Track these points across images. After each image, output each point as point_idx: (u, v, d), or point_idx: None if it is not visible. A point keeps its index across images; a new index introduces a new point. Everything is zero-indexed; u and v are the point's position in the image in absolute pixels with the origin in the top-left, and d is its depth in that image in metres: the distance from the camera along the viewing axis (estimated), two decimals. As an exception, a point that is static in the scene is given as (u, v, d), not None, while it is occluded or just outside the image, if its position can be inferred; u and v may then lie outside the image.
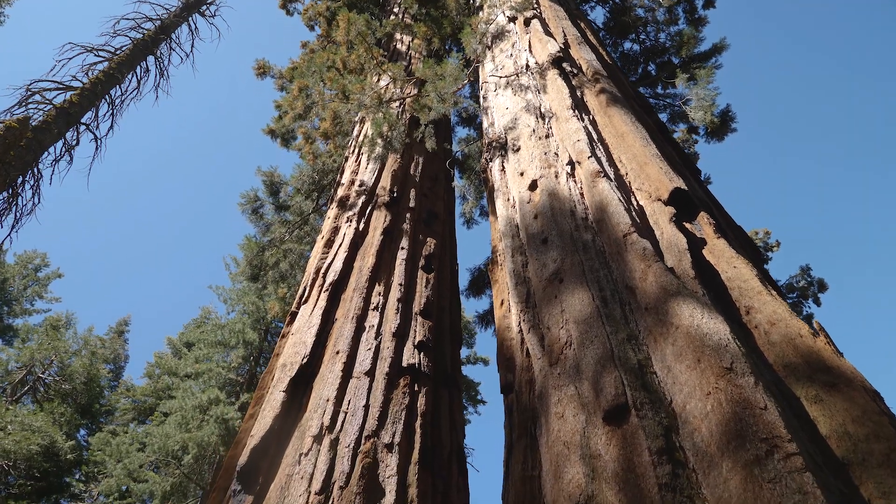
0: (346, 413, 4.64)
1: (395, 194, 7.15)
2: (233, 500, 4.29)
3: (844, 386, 2.61)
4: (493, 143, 5.84)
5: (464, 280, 10.62)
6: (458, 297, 7.05)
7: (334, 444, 4.38)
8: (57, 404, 20.99)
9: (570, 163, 4.67)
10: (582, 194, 4.33)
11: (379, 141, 6.35)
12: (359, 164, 8.09)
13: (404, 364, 5.09)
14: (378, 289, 5.84)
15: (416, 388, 4.97)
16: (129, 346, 35.14)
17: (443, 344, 5.74)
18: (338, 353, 5.13)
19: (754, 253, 4.30)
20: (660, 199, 3.97)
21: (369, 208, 6.97)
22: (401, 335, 5.38)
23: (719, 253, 3.52)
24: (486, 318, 10.37)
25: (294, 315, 6.01)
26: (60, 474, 20.76)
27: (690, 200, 3.97)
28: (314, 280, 6.19)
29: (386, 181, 7.38)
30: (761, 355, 2.93)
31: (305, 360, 5.14)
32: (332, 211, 7.37)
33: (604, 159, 4.50)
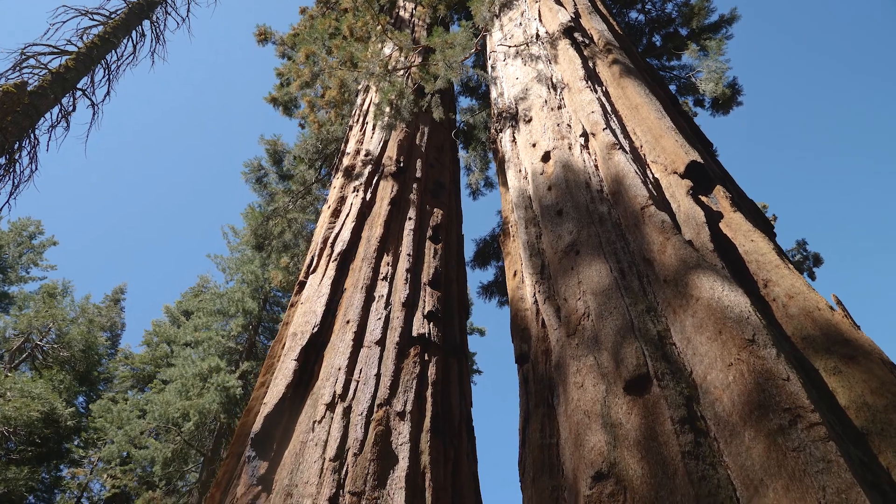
0: (357, 382, 4.68)
1: (401, 164, 7.12)
2: (247, 466, 4.34)
3: (863, 358, 2.65)
4: (503, 114, 5.80)
5: (469, 251, 10.64)
6: (465, 267, 7.08)
7: (347, 412, 4.44)
8: (56, 371, 21.08)
9: (584, 134, 4.65)
10: (596, 166, 4.32)
11: (388, 110, 6.29)
12: (364, 134, 8.03)
13: (414, 334, 5.13)
14: (387, 259, 5.85)
15: (426, 358, 5.02)
16: (125, 315, 35.19)
17: (451, 314, 5.78)
18: (348, 322, 5.16)
19: (766, 227, 4.32)
20: (676, 173, 3.97)
21: (376, 178, 6.94)
22: (410, 305, 5.41)
23: (736, 226, 3.54)
24: (490, 289, 10.41)
25: (302, 284, 6.02)
26: (60, 440, 20.95)
27: (706, 174, 3.98)
28: (322, 250, 6.19)
29: (392, 151, 7.34)
30: (779, 328, 2.97)
31: (316, 328, 5.16)
32: (337, 180, 7.33)
33: (618, 131, 4.48)
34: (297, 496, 3.91)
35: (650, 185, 3.87)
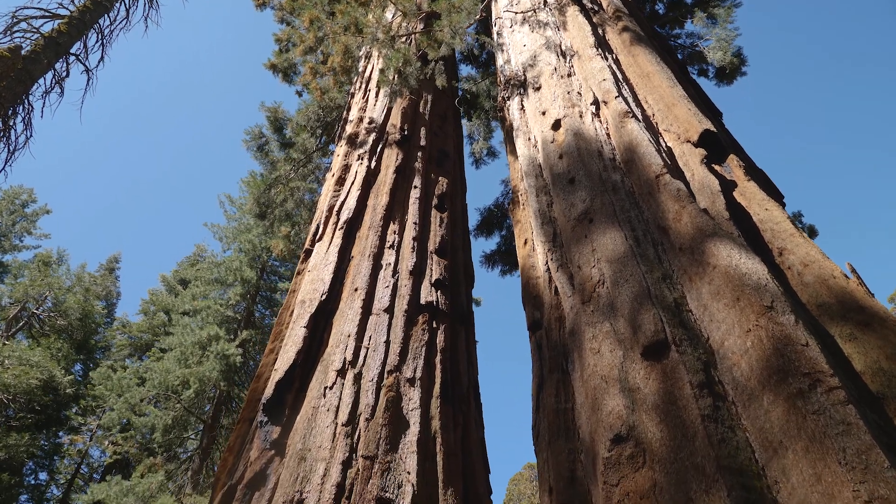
0: (367, 348, 4.72)
1: (405, 132, 7.07)
2: (260, 431, 4.40)
3: (878, 325, 2.69)
4: (511, 81, 5.75)
5: (471, 220, 10.59)
6: (469, 236, 7.09)
7: (358, 379, 4.48)
8: (53, 340, 21.11)
9: (595, 102, 4.62)
10: (608, 135, 4.31)
11: (394, 78, 6.21)
12: (366, 101, 7.95)
13: (422, 302, 5.16)
14: (393, 227, 5.85)
15: (434, 326, 5.05)
16: (120, 284, 35.14)
17: (458, 282, 5.80)
18: (356, 290, 5.17)
19: (777, 197, 4.33)
20: (689, 141, 3.96)
21: (380, 146, 6.89)
22: (417, 273, 5.43)
23: (751, 195, 3.55)
24: (493, 258, 10.43)
25: (309, 252, 6.02)
26: (59, 408, 21.09)
27: (719, 142, 3.97)
28: (327, 218, 6.18)
29: (396, 119, 7.27)
30: (794, 296, 3.00)
31: (324, 296, 5.18)
32: (341, 148, 7.28)
33: (630, 100, 4.46)
34: (311, 460, 3.97)
35: (664, 154, 3.87)
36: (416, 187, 6.39)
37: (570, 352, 3.33)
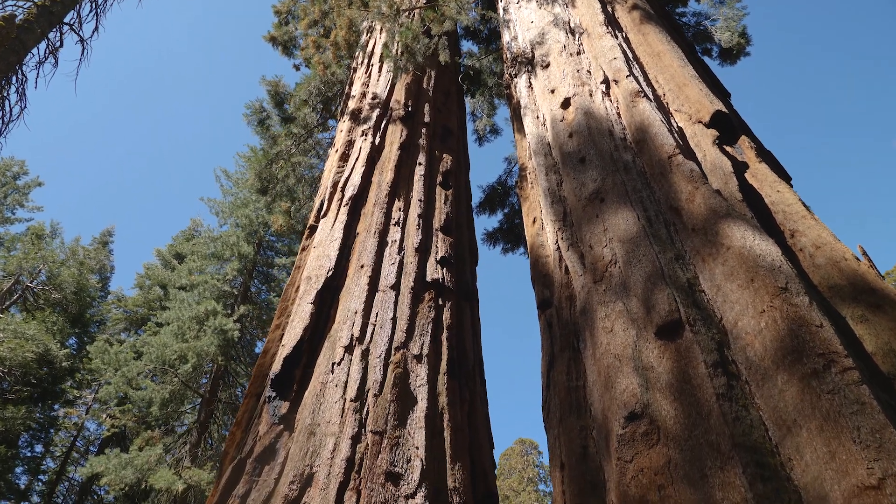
0: (374, 325, 4.74)
1: (409, 108, 7.02)
2: (268, 406, 4.44)
3: (889, 307, 2.73)
4: (519, 59, 5.71)
5: (475, 198, 10.56)
6: (472, 213, 7.09)
7: (365, 355, 4.51)
8: (48, 313, 21.08)
9: (605, 81, 4.60)
10: (619, 114, 4.30)
11: (398, 52, 6.15)
12: (370, 76, 7.88)
13: (428, 279, 5.18)
14: (398, 204, 5.84)
15: (440, 303, 5.08)
16: (113, 258, 34.99)
17: (463, 259, 5.82)
18: (362, 266, 5.18)
19: (786, 178, 4.35)
20: (700, 122, 3.96)
21: (384, 122, 6.85)
22: (423, 251, 5.44)
23: (762, 177, 3.57)
24: (495, 236, 10.44)
25: (313, 228, 6.02)
26: (55, 381, 21.13)
27: (731, 123, 3.97)
28: (332, 194, 6.16)
29: (400, 94, 7.22)
30: (806, 277, 3.04)
31: (330, 272, 5.19)
32: (344, 124, 7.23)
33: (641, 79, 4.44)
34: (321, 434, 4.01)
35: (676, 135, 3.87)
36: (420, 164, 6.38)
37: (581, 330, 3.36)
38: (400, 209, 5.80)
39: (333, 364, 4.49)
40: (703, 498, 2.25)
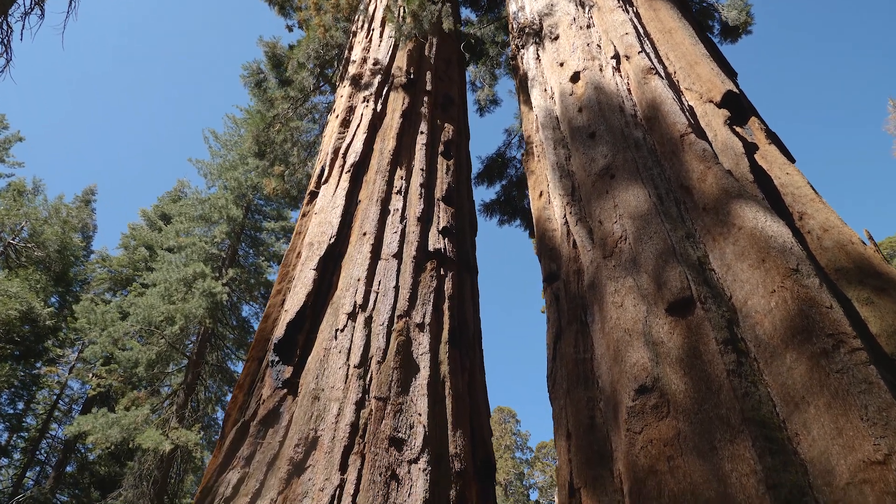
0: (377, 293, 4.77)
1: (411, 76, 6.95)
2: (271, 370, 4.47)
3: (894, 290, 2.81)
4: (526, 30, 5.66)
5: (473, 169, 10.48)
6: (471, 184, 7.09)
7: (368, 322, 4.55)
8: (32, 271, 20.81)
9: (616, 56, 4.59)
10: (629, 90, 4.30)
11: (402, 17, 6.06)
12: (370, 42, 7.77)
13: (430, 248, 5.20)
14: (400, 173, 5.83)
15: (442, 273, 5.11)
16: (96, 216, 34.52)
17: (463, 230, 5.85)
18: (364, 234, 5.19)
19: (791, 160, 4.41)
20: (711, 101, 3.98)
21: (386, 89, 6.78)
22: (425, 220, 5.45)
23: (772, 159, 3.61)
24: (493, 207, 10.44)
25: (314, 194, 5.99)
26: (39, 340, 20.99)
27: (742, 104, 4.00)
28: (333, 160, 6.12)
29: (401, 61, 7.14)
30: (814, 259, 3.11)
31: (333, 239, 5.19)
32: (344, 89, 7.15)
33: (653, 56, 4.44)
34: (325, 399, 4.06)
35: (687, 113, 3.89)
36: (422, 133, 6.34)
37: (589, 304, 3.42)
38: (402, 178, 5.78)
39: (336, 330, 4.53)
40: (711, 469, 2.34)
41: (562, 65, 4.93)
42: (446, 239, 5.37)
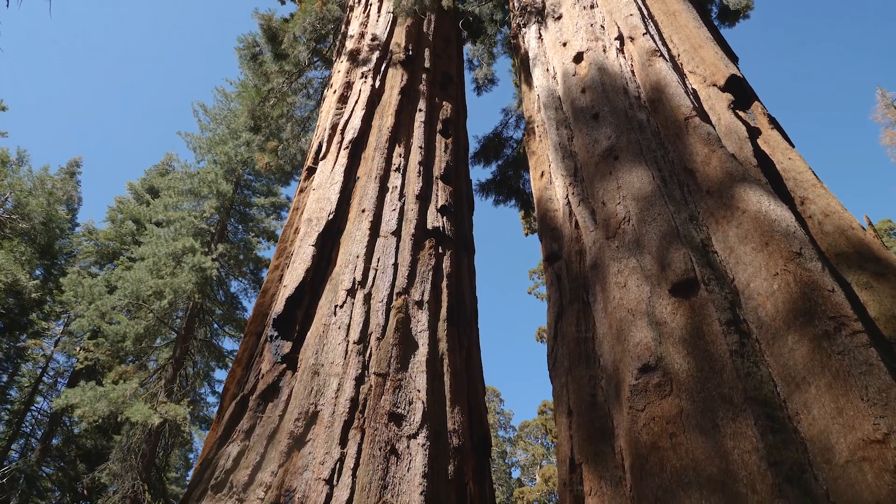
0: (376, 270, 4.78)
1: (410, 52, 6.89)
2: (270, 345, 4.48)
3: (892, 275, 2.87)
4: (528, 8, 5.63)
5: (470, 148, 10.42)
6: (468, 163, 7.08)
7: (368, 299, 4.56)
8: (17, 243, 20.55)
9: (620, 37, 4.58)
10: (633, 72, 4.30)
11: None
12: (368, 16, 7.68)
13: (429, 227, 5.21)
14: (398, 150, 5.81)
15: (440, 251, 5.13)
16: (81, 189, 34.04)
17: (461, 209, 5.85)
18: (363, 211, 5.18)
19: (792, 146, 4.44)
20: (715, 85, 4.00)
21: (384, 65, 6.72)
22: (423, 198, 5.45)
23: (774, 144, 3.65)
24: (489, 187, 10.43)
25: (312, 170, 5.96)
26: (24, 312, 20.80)
27: (744, 89, 4.02)
28: (331, 136, 6.08)
29: (400, 38, 7.07)
30: (815, 243, 3.16)
31: (331, 215, 5.18)
32: (342, 64, 7.07)
33: (657, 38, 4.44)
34: (325, 375, 4.08)
35: (691, 97, 3.90)
36: (420, 110, 6.31)
37: (591, 284, 3.45)
38: (400, 155, 5.76)
39: (336, 306, 4.54)
40: (714, 446, 2.39)
41: (565, 45, 4.91)
42: (444, 217, 5.38)
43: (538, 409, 40.36)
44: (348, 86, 6.70)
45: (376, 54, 6.84)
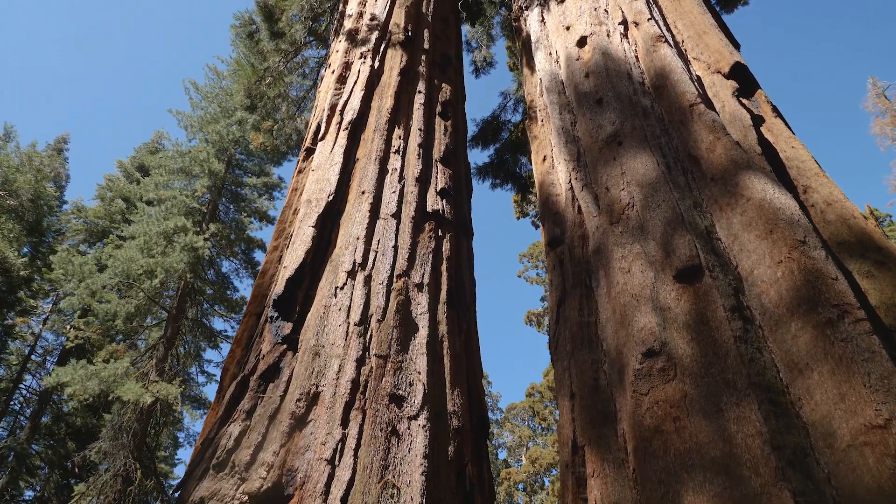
0: (376, 252, 4.78)
1: (409, 33, 6.83)
2: (270, 326, 4.48)
3: (893, 264, 2.91)
4: (531, -10, 5.58)
5: (469, 131, 10.36)
6: (467, 147, 7.07)
7: (368, 281, 4.56)
8: (4, 220, 20.32)
9: (624, 22, 4.57)
10: (637, 57, 4.30)
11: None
12: (366, -5, 7.59)
13: (429, 209, 5.20)
14: (398, 132, 5.78)
15: (440, 234, 5.13)
16: (69, 166, 33.64)
17: (460, 192, 5.85)
18: (363, 193, 5.16)
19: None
20: (719, 72, 4.00)
21: (383, 46, 6.66)
22: (423, 181, 5.44)
23: (778, 132, 3.66)
24: (486, 171, 10.42)
25: (310, 151, 5.92)
26: (11, 290, 20.63)
27: (748, 76, 4.03)
28: (330, 117, 6.03)
29: (399, 18, 7.00)
30: (817, 231, 3.19)
31: (331, 197, 5.16)
32: (340, 44, 7.00)
33: (661, 23, 4.43)
34: (325, 356, 4.09)
35: (696, 83, 3.91)
36: (420, 92, 6.27)
37: (594, 269, 3.48)
38: (400, 137, 5.74)
39: (336, 288, 4.54)
40: (717, 430, 2.44)
41: (568, 28, 4.89)
42: (444, 200, 5.37)
43: (526, 392, 40.69)
44: (347, 66, 6.64)
45: (375, 34, 6.78)
